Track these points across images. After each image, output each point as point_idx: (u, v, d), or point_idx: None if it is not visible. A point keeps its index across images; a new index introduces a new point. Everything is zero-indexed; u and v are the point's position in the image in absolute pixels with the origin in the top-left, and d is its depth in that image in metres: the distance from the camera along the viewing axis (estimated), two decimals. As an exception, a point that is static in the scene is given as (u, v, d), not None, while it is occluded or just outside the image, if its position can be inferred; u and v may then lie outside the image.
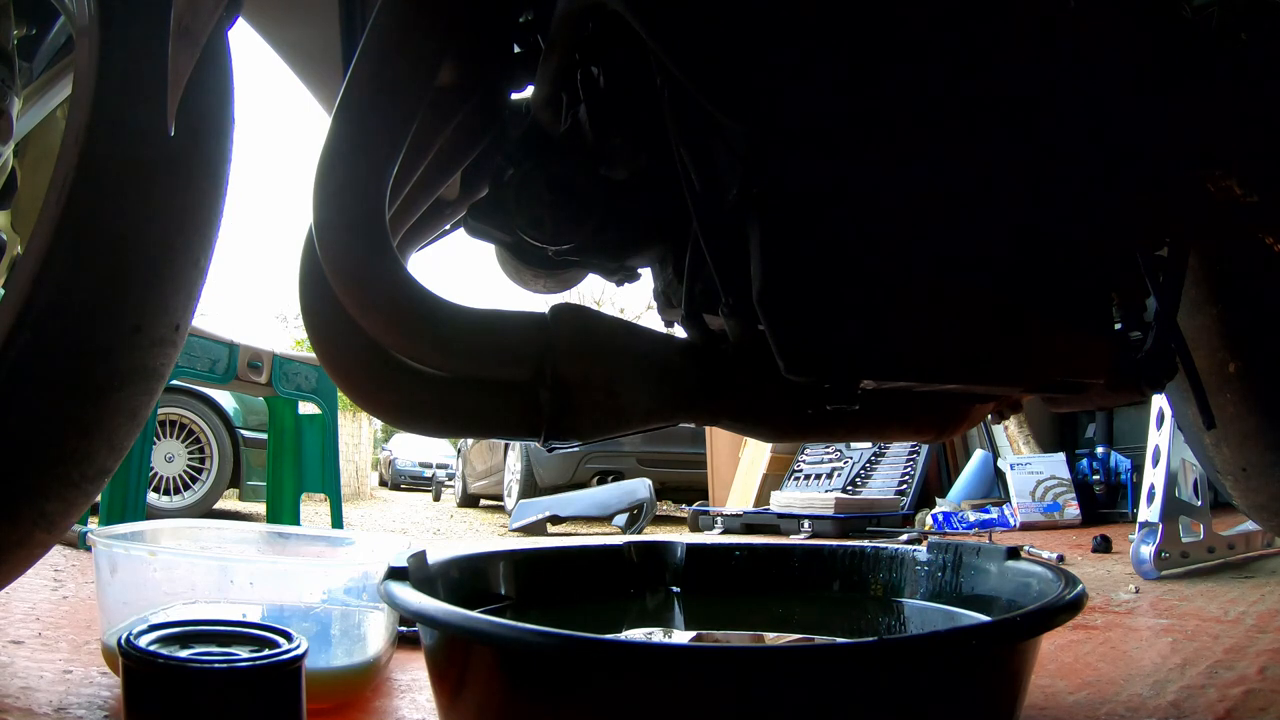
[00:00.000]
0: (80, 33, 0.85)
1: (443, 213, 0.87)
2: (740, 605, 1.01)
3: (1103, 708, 0.86)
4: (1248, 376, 1.29)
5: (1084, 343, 0.76)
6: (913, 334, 0.67)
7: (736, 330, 0.68)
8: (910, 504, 4.12)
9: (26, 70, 1.18)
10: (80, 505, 0.88)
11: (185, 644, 0.47)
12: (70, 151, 0.80)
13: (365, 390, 0.68)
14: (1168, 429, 1.87)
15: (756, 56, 0.64)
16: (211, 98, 0.87)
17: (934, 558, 0.93)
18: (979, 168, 0.72)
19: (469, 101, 0.78)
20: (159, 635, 0.47)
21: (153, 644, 0.46)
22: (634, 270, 0.85)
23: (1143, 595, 1.61)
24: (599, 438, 0.71)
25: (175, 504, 4.37)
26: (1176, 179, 0.86)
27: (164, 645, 0.47)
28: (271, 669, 0.46)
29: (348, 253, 0.63)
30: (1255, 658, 1.07)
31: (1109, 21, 0.80)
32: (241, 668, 0.45)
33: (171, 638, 0.48)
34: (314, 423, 2.88)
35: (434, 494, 11.96)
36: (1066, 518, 3.67)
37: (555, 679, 0.57)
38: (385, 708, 0.88)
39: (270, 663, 0.46)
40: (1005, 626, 0.63)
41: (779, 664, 0.56)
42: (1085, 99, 0.77)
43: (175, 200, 0.85)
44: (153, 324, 0.85)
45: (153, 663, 0.44)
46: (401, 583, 0.69)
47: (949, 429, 0.87)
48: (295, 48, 0.99)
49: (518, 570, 0.94)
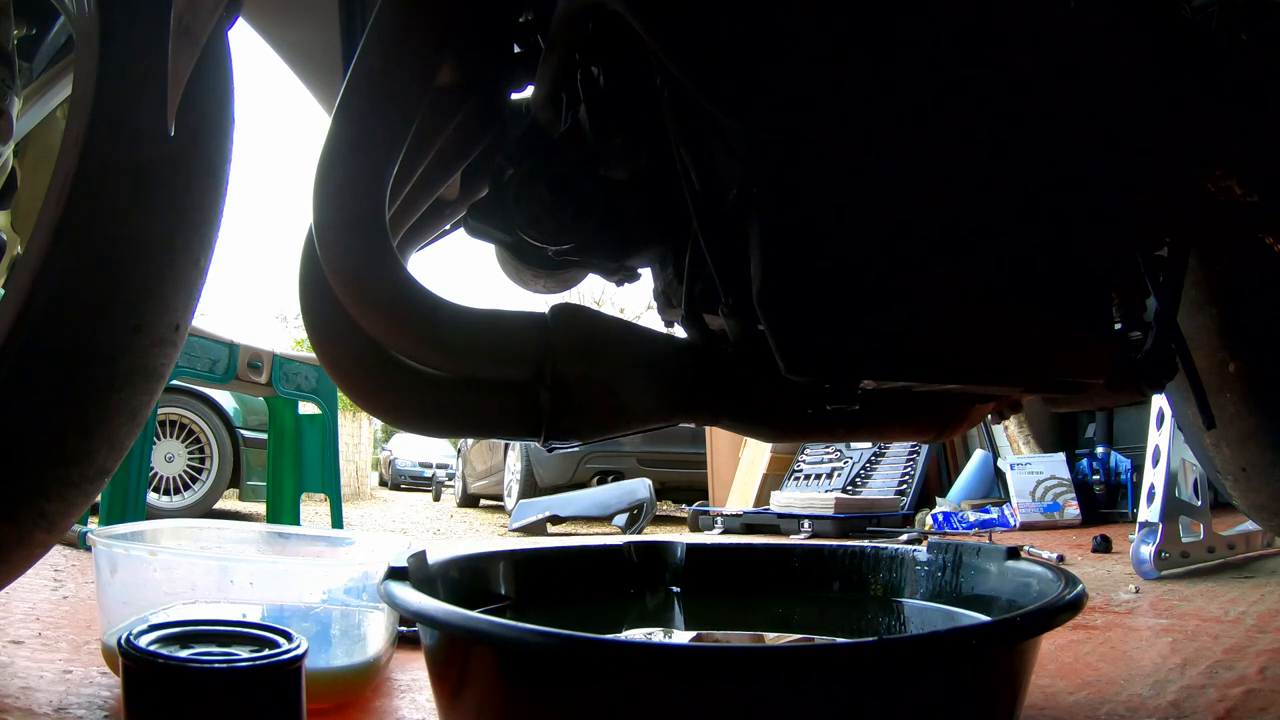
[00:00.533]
0: (80, 33, 0.85)
1: (443, 213, 0.87)
2: (740, 605, 1.01)
3: (1103, 708, 0.86)
4: (1248, 376, 1.29)
5: (1084, 343, 0.76)
6: (913, 334, 0.67)
7: (736, 330, 0.68)
8: (910, 504, 4.12)
9: (26, 70, 1.18)
10: (80, 505, 0.88)
11: (185, 644, 0.47)
12: (70, 151, 0.80)
13: (365, 390, 0.68)
14: (1168, 429, 1.87)
15: (757, 56, 0.64)
16: (211, 98, 0.87)
17: (934, 558, 0.93)
18: (979, 167, 0.72)
19: (469, 101, 0.78)
20: (159, 635, 0.47)
21: (153, 644, 0.46)
22: (634, 270, 0.85)
23: (1143, 595, 1.61)
24: (599, 438, 0.71)
25: (175, 504, 4.37)
26: (1176, 179, 0.86)
27: (164, 645, 0.46)
28: (271, 669, 0.46)
29: (348, 253, 0.63)
30: (1255, 658, 1.07)
31: (1109, 21, 0.80)
32: (241, 668, 0.45)
33: (172, 638, 0.47)
34: (314, 423, 2.88)
35: (434, 494, 11.96)
36: (1066, 518, 3.67)
37: (555, 679, 0.57)
38: (385, 708, 0.88)
39: (270, 663, 0.46)
40: (1005, 626, 0.63)
41: (779, 664, 0.56)
42: (1085, 99, 0.77)
43: (175, 200, 0.85)
44: (153, 324, 0.85)
45: (153, 663, 0.44)
46: (401, 583, 0.69)
47: (949, 429, 0.87)
48: (295, 48, 0.99)
49: (518, 570, 0.94)
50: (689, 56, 0.62)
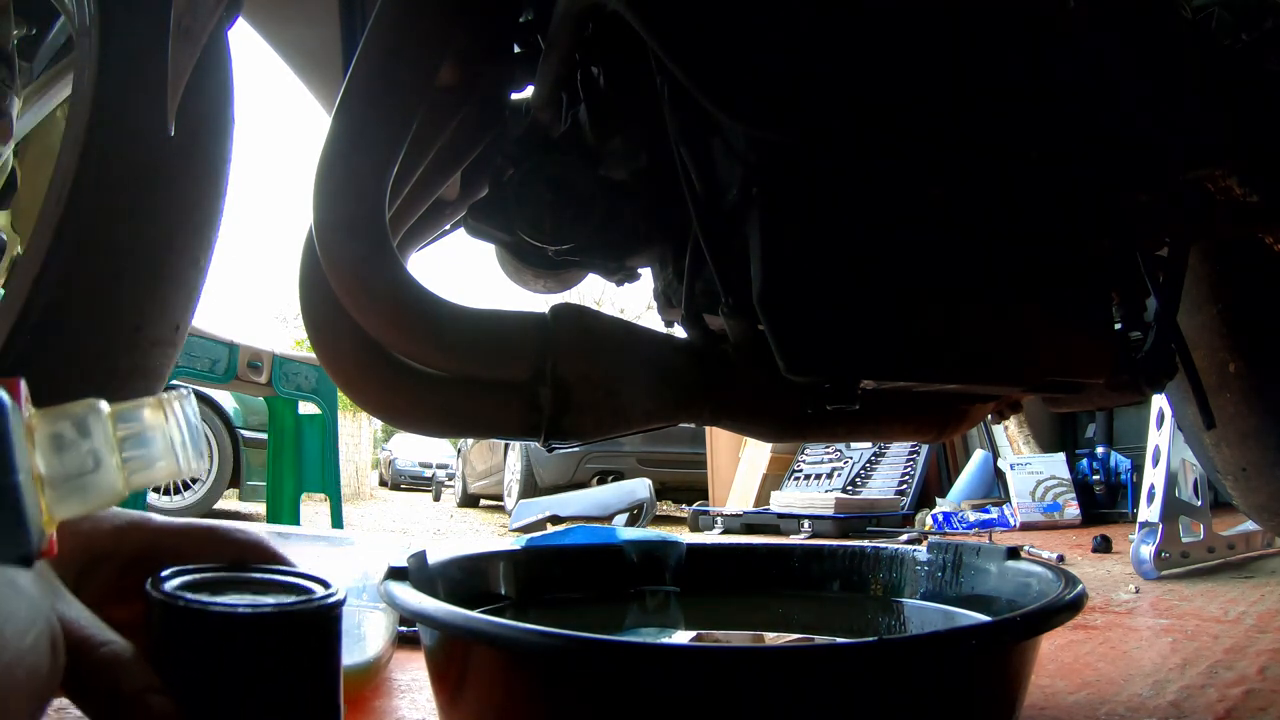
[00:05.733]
0: (80, 33, 0.85)
1: (443, 213, 0.87)
2: (740, 605, 1.01)
3: (1103, 708, 0.86)
4: (1248, 376, 1.29)
5: (1084, 343, 0.76)
6: (913, 334, 0.67)
7: (737, 330, 0.68)
8: (910, 504, 4.12)
9: (26, 70, 1.18)
10: (80, 505, 0.88)
11: (217, 589, 0.43)
12: (70, 151, 0.80)
13: (365, 390, 0.68)
14: (1168, 429, 1.87)
15: (757, 56, 0.64)
16: (211, 98, 0.87)
17: (934, 558, 0.93)
18: (979, 167, 0.72)
19: (469, 101, 0.78)
20: (188, 580, 0.43)
21: (180, 588, 0.41)
22: (634, 270, 0.85)
23: (1143, 595, 1.61)
24: (599, 438, 0.71)
25: (175, 504, 4.37)
26: (1176, 179, 0.86)
27: (193, 590, 0.42)
28: (301, 615, 0.42)
29: (348, 253, 0.63)
30: (1255, 658, 1.07)
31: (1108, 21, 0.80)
32: (268, 612, 0.41)
33: (202, 583, 0.43)
34: (314, 423, 2.88)
35: (434, 494, 11.96)
36: (1066, 518, 3.67)
37: (555, 679, 0.57)
38: (385, 708, 0.88)
39: (300, 609, 0.42)
40: (1005, 626, 0.63)
41: (779, 664, 0.56)
42: (1084, 98, 0.77)
43: (175, 200, 0.85)
44: (153, 324, 0.85)
45: (173, 606, 0.40)
46: (401, 583, 0.69)
47: (949, 429, 0.87)
48: (295, 48, 0.99)
49: (518, 570, 0.94)
50: (689, 56, 0.62)
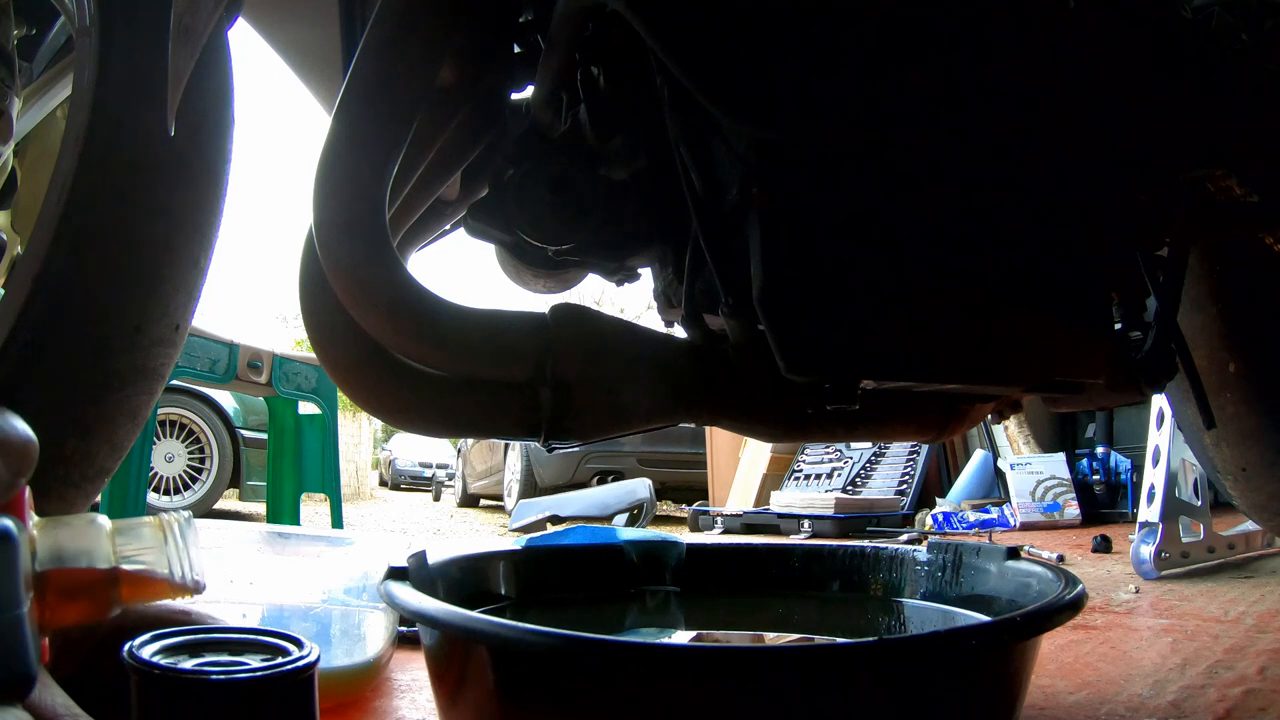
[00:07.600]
0: (80, 33, 0.85)
1: (443, 213, 0.87)
2: (740, 605, 1.01)
3: (1103, 708, 0.86)
4: (1248, 376, 1.29)
5: (1084, 343, 0.76)
6: (912, 334, 0.67)
7: (736, 330, 0.68)
8: (910, 504, 4.12)
9: (26, 70, 1.18)
10: (80, 505, 0.88)
11: (195, 653, 0.45)
12: (70, 151, 0.80)
13: (365, 390, 0.68)
14: (1168, 429, 1.87)
15: (757, 56, 0.64)
16: (211, 98, 0.87)
17: (934, 558, 0.93)
18: (979, 167, 0.72)
19: (469, 101, 0.78)
20: (165, 644, 0.45)
21: (157, 654, 0.44)
22: (634, 270, 0.85)
23: (1143, 595, 1.61)
24: (599, 438, 0.71)
25: (175, 504, 4.37)
26: (1176, 179, 0.86)
27: (169, 654, 0.44)
28: (278, 679, 0.44)
29: (348, 253, 0.63)
30: (1255, 658, 1.07)
31: (1108, 21, 0.80)
32: (243, 678, 0.43)
33: (179, 646, 0.45)
34: (314, 423, 2.88)
35: (434, 494, 11.95)
36: (1066, 518, 3.67)
37: (555, 679, 0.57)
38: (385, 708, 0.88)
39: (277, 673, 0.44)
40: (1005, 626, 0.63)
41: (779, 664, 0.56)
42: (1085, 99, 0.77)
43: (175, 200, 0.85)
44: (153, 324, 0.85)
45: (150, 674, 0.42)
46: (401, 583, 0.69)
47: (949, 429, 0.87)
48: (295, 48, 0.99)
49: (518, 570, 0.94)
50: (689, 56, 0.62)
